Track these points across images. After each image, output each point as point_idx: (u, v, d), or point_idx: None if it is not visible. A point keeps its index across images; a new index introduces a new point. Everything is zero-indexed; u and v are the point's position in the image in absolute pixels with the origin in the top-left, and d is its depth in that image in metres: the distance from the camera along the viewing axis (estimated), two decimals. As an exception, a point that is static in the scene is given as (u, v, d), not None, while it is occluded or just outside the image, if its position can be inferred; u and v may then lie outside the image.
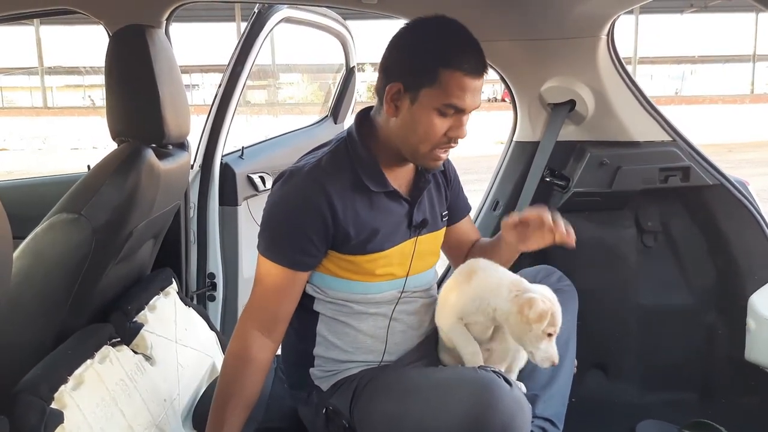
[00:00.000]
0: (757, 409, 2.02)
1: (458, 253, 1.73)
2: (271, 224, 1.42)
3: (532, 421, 1.35)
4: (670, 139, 2.05)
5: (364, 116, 1.49)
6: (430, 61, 1.34)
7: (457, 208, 1.68)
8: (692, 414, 1.99)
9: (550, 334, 1.37)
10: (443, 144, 1.39)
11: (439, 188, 1.61)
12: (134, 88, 1.51)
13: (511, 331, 1.41)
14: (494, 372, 1.28)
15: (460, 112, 1.36)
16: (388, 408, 1.34)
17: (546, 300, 1.38)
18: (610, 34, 1.94)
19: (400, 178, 1.49)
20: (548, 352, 1.37)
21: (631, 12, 19.95)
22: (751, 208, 2.04)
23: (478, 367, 1.31)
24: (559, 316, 1.39)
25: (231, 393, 1.40)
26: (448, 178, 1.65)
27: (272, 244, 1.41)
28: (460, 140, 1.41)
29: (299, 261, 1.41)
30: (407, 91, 1.37)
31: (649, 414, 2.03)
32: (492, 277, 1.46)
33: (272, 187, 1.47)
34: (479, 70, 1.35)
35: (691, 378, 2.14)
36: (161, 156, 1.57)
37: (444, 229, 1.63)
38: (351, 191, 1.41)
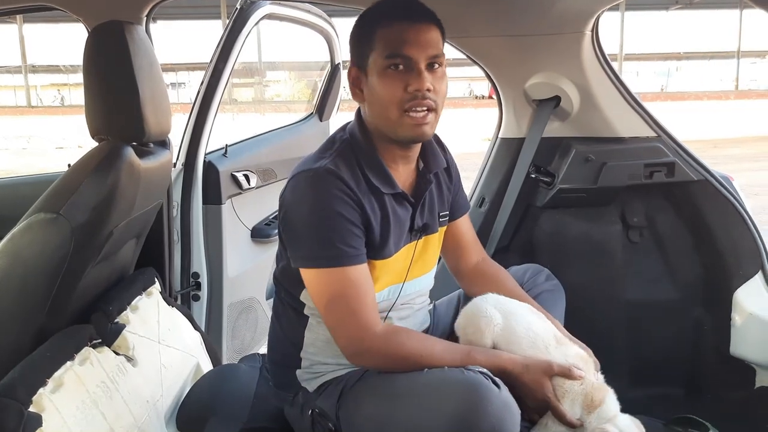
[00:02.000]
0: (742, 404, 2.03)
1: (459, 261, 1.68)
2: (319, 230, 1.33)
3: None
4: (655, 134, 2.06)
5: (360, 116, 1.45)
6: (367, 28, 1.36)
7: (456, 206, 1.64)
8: (678, 409, 1.99)
9: None
10: (409, 101, 1.32)
11: (440, 188, 1.56)
12: (113, 85, 1.48)
13: None
14: (482, 373, 1.26)
15: (408, 62, 1.32)
16: (375, 411, 1.32)
17: None
18: (595, 30, 1.94)
19: (402, 179, 1.46)
20: None
21: (616, 8, 20.08)
22: (736, 203, 2.05)
23: (465, 369, 1.29)
24: None
25: (424, 346, 1.35)
26: (450, 176, 1.61)
27: (331, 248, 1.31)
28: (432, 96, 1.33)
29: (360, 252, 1.34)
30: (361, 69, 1.38)
31: (635, 409, 2.01)
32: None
33: (293, 193, 1.38)
34: (415, 16, 1.33)
35: (677, 373, 2.15)
36: (142, 154, 1.55)
37: (443, 230, 1.59)
38: (366, 191, 1.38)
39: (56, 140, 14.41)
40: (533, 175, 2.13)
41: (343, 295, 1.32)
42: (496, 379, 1.25)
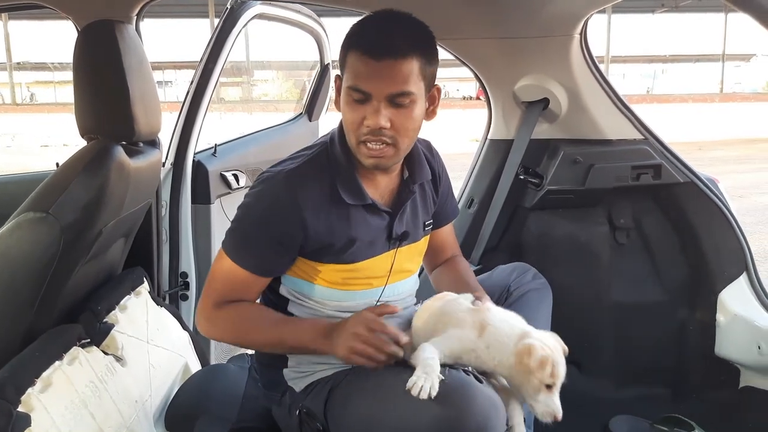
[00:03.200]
0: (727, 404, 2.05)
1: (434, 260, 1.71)
2: (242, 227, 1.41)
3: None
4: (642, 137, 2.08)
5: None
6: (344, 47, 1.35)
7: (443, 213, 1.64)
8: (664, 409, 2.02)
9: (549, 386, 1.27)
10: (364, 135, 1.31)
11: (425, 197, 1.56)
12: (103, 85, 1.47)
13: (511, 383, 1.33)
14: (466, 372, 1.27)
15: (368, 96, 1.29)
16: (363, 410, 1.32)
17: (546, 347, 1.27)
18: (584, 33, 1.96)
19: (381, 188, 1.46)
20: (549, 405, 1.27)
21: (603, 11, 20.22)
22: (721, 205, 2.07)
23: (449, 367, 1.30)
24: (562, 368, 1.29)
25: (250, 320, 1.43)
26: (437, 186, 1.60)
27: (240, 247, 1.40)
28: (388, 133, 1.31)
29: (265, 268, 1.41)
30: (341, 81, 1.38)
31: (622, 409, 2.05)
32: (502, 332, 1.32)
33: (251, 188, 1.44)
34: (380, 52, 1.27)
35: (663, 373, 2.17)
36: (131, 153, 1.54)
37: (426, 238, 1.60)
38: (327, 202, 1.38)
39: (41, 138, 14.29)
40: (522, 177, 2.14)
41: (223, 282, 1.41)
42: (480, 376, 1.27)
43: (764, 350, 1.92)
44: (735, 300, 2.04)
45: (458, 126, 14.40)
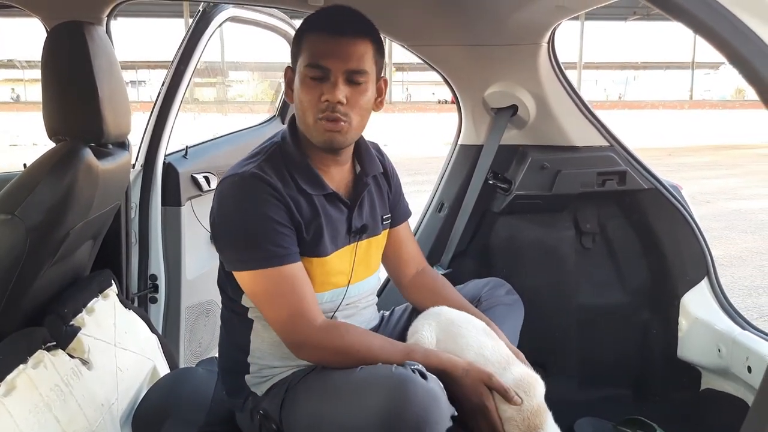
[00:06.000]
0: (687, 405, 2.10)
1: (395, 264, 1.70)
2: (243, 233, 1.36)
3: None
4: (608, 144, 2.12)
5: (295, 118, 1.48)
6: (300, 34, 1.40)
7: (397, 213, 1.66)
8: (627, 411, 2.05)
9: None
10: (323, 111, 1.35)
11: (380, 190, 1.59)
12: (72, 86, 1.47)
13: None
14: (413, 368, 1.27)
15: (327, 72, 1.34)
16: (310, 408, 1.34)
17: None
18: (551, 42, 1.99)
19: (337, 181, 1.48)
20: None
21: (576, 18, 20.46)
22: (684, 211, 2.11)
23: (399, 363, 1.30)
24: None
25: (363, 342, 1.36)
26: (389, 181, 1.63)
27: (257, 251, 1.34)
28: (342, 110, 1.35)
29: (293, 251, 1.36)
30: (294, 72, 1.41)
31: (586, 411, 2.08)
32: None
33: (219, 198, 1.39)
34: (343, 28, 1.35)
35: (626, 375, 2.21)
36: (100, 155, 1.53)
37: (385, 233, 1.61)
38: (295, 193, 1.40)
39: (10, 137, 14.04)
40: (491, 182, 2.17)
41: (279, 293, 1.35)
42: (426, 372, 1.26)
43: (724, 353, 1.97)
44: (696, 304, 2.09)
45: (434, 129, 14.47)
